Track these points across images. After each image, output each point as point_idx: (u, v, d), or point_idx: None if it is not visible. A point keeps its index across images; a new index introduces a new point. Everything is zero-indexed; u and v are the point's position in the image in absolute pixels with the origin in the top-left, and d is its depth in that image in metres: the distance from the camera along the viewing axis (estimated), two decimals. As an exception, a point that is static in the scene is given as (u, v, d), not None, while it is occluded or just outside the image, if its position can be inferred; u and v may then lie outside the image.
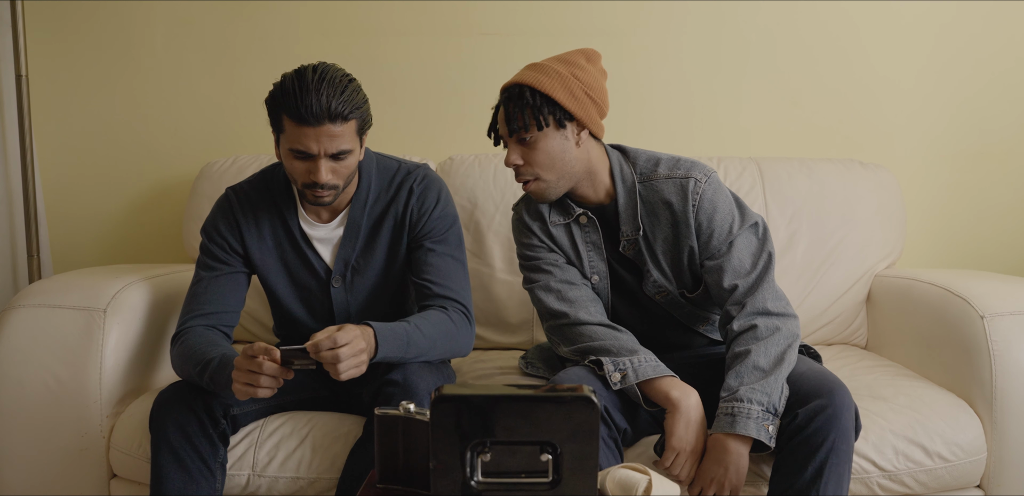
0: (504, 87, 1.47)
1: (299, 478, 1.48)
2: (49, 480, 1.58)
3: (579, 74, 1.44)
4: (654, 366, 1.37)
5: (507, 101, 1.44)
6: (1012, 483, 1.55)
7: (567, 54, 1.48)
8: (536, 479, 0.94)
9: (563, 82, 1.42)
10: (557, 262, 1.54)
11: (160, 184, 2.31)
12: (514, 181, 2.01)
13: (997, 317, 1.60)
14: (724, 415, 1.32)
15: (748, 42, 2.24)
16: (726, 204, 1.47)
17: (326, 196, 1.44)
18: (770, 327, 1.39)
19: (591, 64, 1.47)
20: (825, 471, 1.26)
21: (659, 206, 1.48)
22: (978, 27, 2.22)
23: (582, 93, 1.43)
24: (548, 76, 1.42)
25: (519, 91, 1.43)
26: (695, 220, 1.46)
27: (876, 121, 2.27)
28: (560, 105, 1.42)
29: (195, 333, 1.46)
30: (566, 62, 1.45)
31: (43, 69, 2.24)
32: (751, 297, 1.42)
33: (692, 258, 1.49)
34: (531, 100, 1.41)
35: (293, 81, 1.35)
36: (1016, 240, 2.33)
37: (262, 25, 2.24)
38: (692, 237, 1.47)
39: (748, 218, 1.48)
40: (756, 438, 1.29)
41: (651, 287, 1.53)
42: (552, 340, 1.54)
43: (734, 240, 1.46)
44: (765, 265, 1.44)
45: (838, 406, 1.28)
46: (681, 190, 1.46)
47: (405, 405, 1.05)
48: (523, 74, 1.45)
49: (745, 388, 1.33)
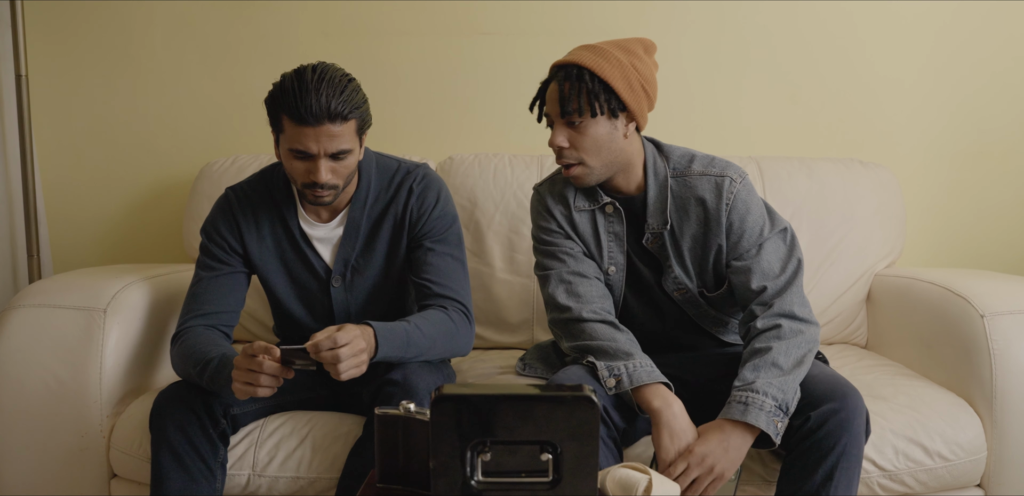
0: (559, 64, 1.42)
1: (299, 478, 1.48)
2: (49, 480, 1.58)
3: (638, 64, 1.40)
4: (649, 372, 1.36)
5: (563, 80, 1.39)
6: (1012, 482, 1.55)
7: (626, 41, 1.43)
8: (536, 479, 0.94)
9: (623, 71, 1.39)
10: (572, 251, 1.52)
11: (160, 184, 2.31)
12: (514, 181, 2.03)
13: (997, 316, 1.60)
14: (736, 403, 1.31)
15: (748, 41, 2.24)
16: (758, 207, 1.47)
17: (326, 196, 1.44)
18: (794, 329, 1.39)
19: (648, 55, 1.44)
20: (835, 475, 1.26)
21: (691, 202, 1.47)
22: (978, 26, 2.22)
23: (639, 85, 1.40)
24: (609, 62, 1.38)
25: (578, 72, 1.38)
26: (727, 219, 1.45)
27: (876, 120, 2.27)
28: (617, 94, 1.39)
29: (195, 333, 1.46)
30: (626, 50, 1.41)
31: (43, 69, 2.24)
32: (779, 299, 1.41)
33: (719, 257, 1.48)
34: (590, 84, 1.37)
35: (292, 81, 1.35)
36: (1016, 239, 2.32)
37: (262, 25, 2.24)
38: (722, 235, 1.46)
39: (778, 223, 1.48)
40: (765, 431, 1.28)
41: (671, 283, 1.51)
42: (554, 331, 1.54)
43: (764, 243, 1.45)
44: (795, 270, 1.44)
45: (851, 410, 1.28)
46: (716, 188, 1.46)
47: (405, 405, 1.05)
48: (582, 55, 1.40)
49: (762, 381, 1.32)
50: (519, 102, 2.26)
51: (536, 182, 1.63)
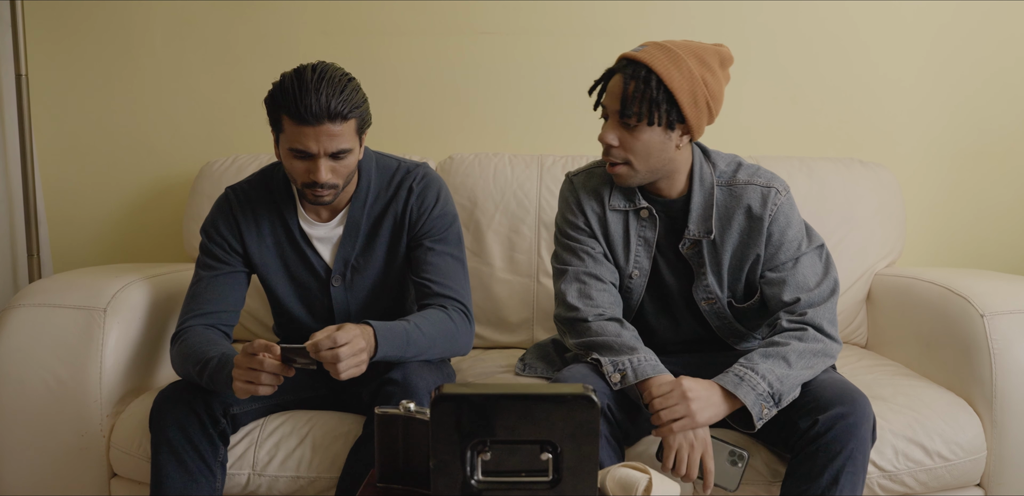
0: (629, 59, 1.37)
1: (299, 477, 1.48)
2: (49, 479, 1.58)
3: (708, 79, 1.37)
4: (653, 365, 1.37)
5: (630, 78, 1.35)
6: (1012, 482, 1.55)
7: (704, 50, 1.38)
8: (536, 478, 0.94)
9: (692, 84, 1.35)
10: (593, 251, 1.50)
11: (160, 183, 2.31)
12: (514, 180, 2.03)
13: (997, 316, 1.60)
14: (733, 375, 1.33)
15: (749, 41, 2.23)
16: (798, 221, 1.48)
17: (326, 195, 1.44)
18: (816, 338, 1.39)
19: (723, 69, 1.40)
20: (841, 479, 1.27)
21: (736, 211, 1.46)
22: (977, 26, 2.22)
23: (704, 101, 1.37)
24: (680, 72, 1.34)
25: (646, 75, 1.34)
26: (767, 230, 1.45)
27: (876, 120, 2.27)
28: (679, 107, 1.35)
29: (195, 332, 1.46)
30: (701, 60, 1.36)
31: (43, 68, 2.24)
32: (811, 310, 1.41)
33: (754, 266, 1.48)
34: (655, 93, 1.34)
35: (292, 80, 1.35)
36: (1016, 239, 2.32)
37: (262, 24, 2.24)
38: (761, 246, 1.46)
39: (815, 239, 1.48)
40: (749, 409, 1.30)
41: (701, 292, 1.50)
42: (559, 328, 1.53)
43: (801, 257, 1.46)
44: (831, 290, 1.44)
45: (859, 415, 1.29)
46: (762, 198, 1.45)
47: (405, 404, 1.05)
48: (656, 57, 1.35)
49: (765, 367, 1.33)
50: (519, 101, 2.26)
51: (571, 170, 1.59)
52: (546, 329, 2.01)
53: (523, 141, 2.27)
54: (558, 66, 2.24)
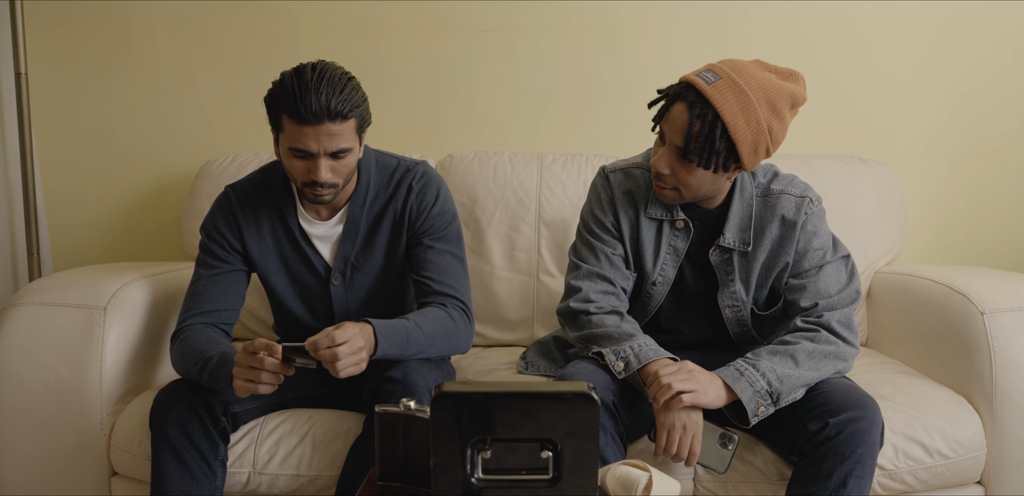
0: (700, 93, 1.32)
1: (299, 475, 1.48)
2: (50, 478, 1.58)
3: (775, 127, 1.34)
4: (655, 349, 1.38)
5: (695, 118, 1.31)
6: (1012, 479, 1.55)
7: (778, 92, 1.33)
8: (536, 476, 0.94)
9: (756, 135, 1.32)
10: (613, 254, 1.51)
11: (160, 182, 2.30)
12: (514, 178, 2.02)
13: (997, 313, 1.59)
14: (734, 368, 1.35)
15: (749, 39, 2.23)
16: (825, 231, 1.49)
17: (326, 194, 1.44)
18: (829, 340, 1.40)
19: (792, 112, 1.37)
20: (849, 482, 1.28)
21: (771, 220, 1.47)
22: (976, 22, 2.22)
23: (764, 149, 1.35)
24: (748, 121, 1.31)
25: (712, 120, 1.31)
26: (796, 238, 1.47)
27: (876, 117, 2.27)
28: (738, 155, 1.34)
29: (195, 331, 1.46)
30: (772, 107, 1.32)
31: (43, 67, 2.24)
32: (828, 313, 1.42)
33: (781, 274, 1.49)
34: (717, 142, 1.31)
35: (292, 80, 1.35)
36: (1016, 236, 2.32)
37: (261, 23, 2.24)
38: (791, 254, 1.47)
39: (840, 249, 1.49)
40: (744, 405, 1.31)
41: (727, 299, 1.51)
42: (561, 320, 1.54)
43: (825, 265, 1.47)
44: (852, 299, 1.45)
45: (870, 420, 1.30)
46: (796, 208, 1.47)
47: (405, 402, 1.05)
48: (726, 99, 1.31)
49: (768, 365, 1.34)
50: (519, 99, 2.26)
51: (607, 165, 1.57)
52: (546, 327, 2.01)
53: (523, 139, 2.27)
54: (558, 64, 2.24)
